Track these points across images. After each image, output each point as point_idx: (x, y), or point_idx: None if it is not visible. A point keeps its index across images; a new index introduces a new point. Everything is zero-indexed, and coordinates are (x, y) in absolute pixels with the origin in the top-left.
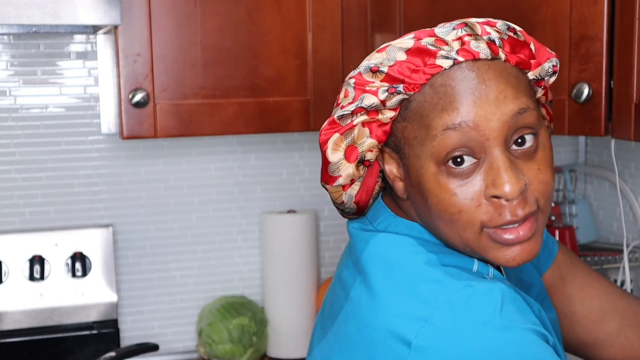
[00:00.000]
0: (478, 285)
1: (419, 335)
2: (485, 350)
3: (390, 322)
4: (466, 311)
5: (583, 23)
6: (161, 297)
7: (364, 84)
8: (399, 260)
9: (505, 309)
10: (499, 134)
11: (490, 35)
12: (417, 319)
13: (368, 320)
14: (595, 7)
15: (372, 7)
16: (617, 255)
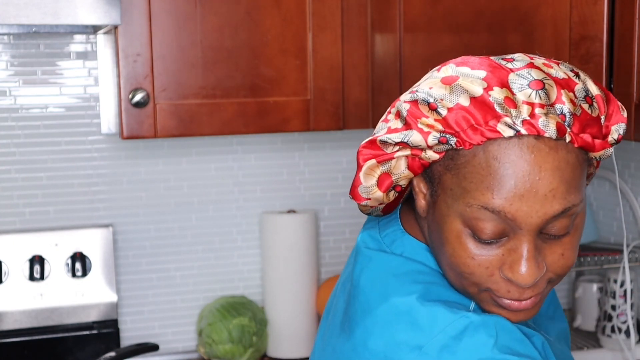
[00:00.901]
0: (474, 317)
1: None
2: None
3: (386, 348)
4: (460, 342)
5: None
6: (161, 297)
7: (417, 116)
8: (398, 288)
9: (499, 341)
10: (534, 228)
11: (563, 108)
12: (412, 347)
13: (364, 343)
14: (595, 7)
15: (372, 7)
16: (617, 255)
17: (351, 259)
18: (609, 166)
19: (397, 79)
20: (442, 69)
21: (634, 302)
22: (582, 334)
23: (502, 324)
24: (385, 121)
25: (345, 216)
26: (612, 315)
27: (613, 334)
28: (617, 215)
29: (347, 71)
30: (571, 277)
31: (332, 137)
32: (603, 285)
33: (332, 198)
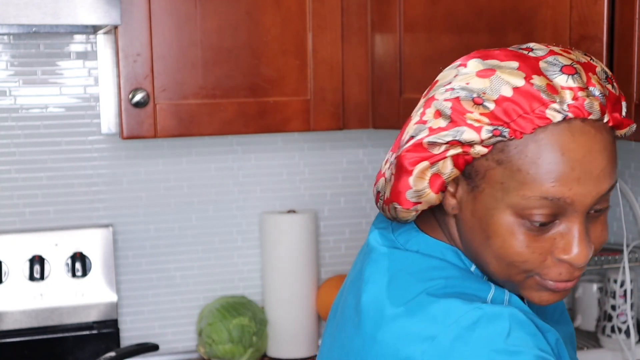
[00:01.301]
0: (487, 308)
1: (425, 354)
2: None
3: (397, 340)
4: (473, 333)
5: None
6: (161, 297)
7: (463, 112)
8: (413, 284)
9: (512, 333)
10: (586, 209)
11: (595, 90)
12: (424, 338)
13: (374, 336)
14: (595, 7)
15: (372, 7)
16: (617, 255)
17: (360, 257)
18: None
19: (397, 79)
20: (468, 63)
21: (634, 302)
22: (582, 334)
23: (516, 316)
24: (422, 122)
25: (345, 216)
26: (612, 315)
27: (613, 334)
28: (617, 215)
29: (347, 71)
30: None
31: (332, 137)
32: (603, 285)
33: (332, 198)
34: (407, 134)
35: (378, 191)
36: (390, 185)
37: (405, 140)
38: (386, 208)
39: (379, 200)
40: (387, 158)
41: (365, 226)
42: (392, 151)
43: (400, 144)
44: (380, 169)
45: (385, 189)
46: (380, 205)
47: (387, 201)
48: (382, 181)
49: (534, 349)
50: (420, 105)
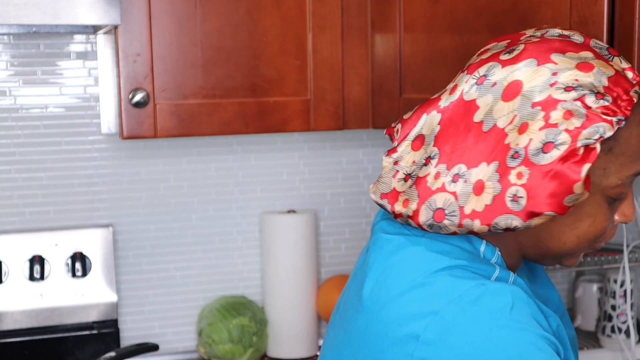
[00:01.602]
0: (490, 284)
1: (428, 328)
2: (491, 348)
3: (399, 317)
4: (476, 308)
5: (583, 23)
6: (161, 297)
7: (594, 108)
8: (418, 264)
9: (515, 310)
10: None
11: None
12: (426, 313)
13: (377, 315)
14: (595, 7)
15: (372, 7)
16: (617, 255)
17: (364, 250)
18: None
19: (397, 79)
20: (552, 57)
21: (634, 302)
22: (582, 334)
23: (519, 294)
24: (551, 126)
25: (345, 216)
26: (612, 315)
27: (613, 334)
28: None
29: (347, 71)
30: (571, 277)
31: (332, 137)
32: (603, 285)
33: (332, 198)
34: (536, 141)
35: (440, 208)
36: (523, 196)
37: (537, 148)
38: (474, 223)
39: (442, 219)
40: (428, 173)
41: (365, 226)
42: (444, 162)
43: (529, 153)
44: (415, 189)
45: (466, 203)
46: (455, 222)
47: (504, 211)
48: (447, 198)
49: (537, 327)
50: (520, 110)
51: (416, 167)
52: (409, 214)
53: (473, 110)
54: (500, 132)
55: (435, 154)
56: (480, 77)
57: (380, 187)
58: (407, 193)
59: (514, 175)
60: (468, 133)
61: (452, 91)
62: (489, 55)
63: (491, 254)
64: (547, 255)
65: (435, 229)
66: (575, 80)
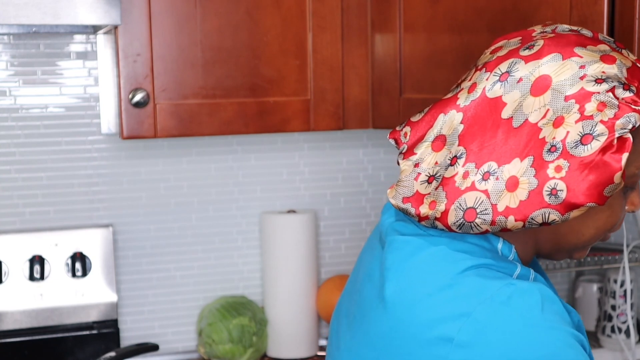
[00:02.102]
0: (519, 284)
1: (462, 330)
2: (525, 348)
3: (429, 318)
4: (508, 308)
5: (583, 23)
6: (161, 297)
7: (623, 99)
8: (442, 265)
9: (545, 308)
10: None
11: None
12: (458, 315)
13: (404, 316)
14: (595, 7)
15: (372, 7)
16: (617, 255)
17: (369, 251)
18: None
19: (397, 79)
20: (576, 50)
21: (634, 302)
22: None
23: (546, 292)
24: (587, 118)
25: (345, 216)
26: (612, 315)
27: (613, 334)
28: None
29: (347, 71)
30: (571, 277)
31: (332, 137)
32: (603, 285)
33: (332, 198)
34: (573, 134)
35: (471, 207)
36: (562, 189)
37: (575, 140)
38: (509, 219)
39: (473, 218)
40: (464, 171)
41: (365, 226)
42: (473, 160)
43: (567, 146)
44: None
45: (499, 200)
46: (488, 220)
47: (543, 205)
48: (478, 196)
49: (567, 324)
50: (552, 105)
51: (440, 168)
52: (437, 216)
53: (500, 107)
54: (533, 127)
55: (461, 153)
56: (503, 73)
57: (402, 190)
58: (434, 195)
59: (552, 168)
60: (497, 130)
61: (472, 90)
62: (505, 52)
63: (508, 251)
64: (562, 250)
65: (466, 229)
66: (602, 73)
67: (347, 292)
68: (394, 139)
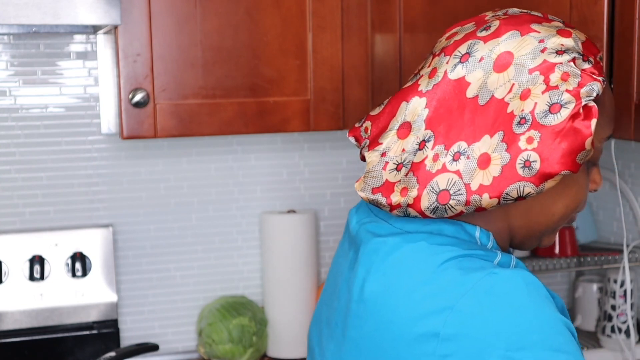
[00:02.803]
0: (501, 272)
1: (447, 324)
2: (513, 334)
3: (413, 315)
4: (492, 296)
5: (583, 23)
6: (161, 297)
7: (584, 70)
8: (420, 261)
9: (531, 294)
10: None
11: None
12: (441, 309)
13: (387, 317)
14: (595, 7)
15: (372, 7)
16: (617, 255)
17: (342, 256)
18: (609, 166)
19: (397, 79)
20: (535, 28)
21: (634, 302)
22: (582, 334)
23: (530, 278)
24: (553, 88)
25: (345, 216)
26: (612, 315)
27: (613, 334)
28: (617, 215)
29: (347, 71)
30: (571, 277)
31: (332, 137)
32: (603, 285)
33: (332, 198)
34: (541, 104)
35: (444, 189)
36: (536, 160)
37: (544, 110)
38: (482, 198)
39: (447, 200)
40: (434, 154)
41: None
42: (441, 142)
43: (536, 117)
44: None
45: (472, 179)
46: (462, 200)
47: (520, 179)
48: (450, 177)
49: (554, 309)
50: (520, 77)
51: (408, 155)
52: (409, 202)
53: (464, 87)
54: (500, 102)
55: (429, 136)
56: (464, 55)
57: (370, 181)
58: (404, 181)
59: (524, 140)
60: (463, 110)
61: (432, 75)
62: (462, 36)
63: (487, 239)
64: (534, 234)
65: (440, 212)
66: (561, 45)
67: (324, 301)
68: (353, 137)
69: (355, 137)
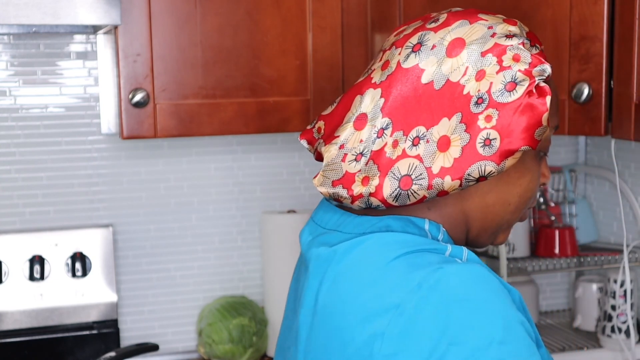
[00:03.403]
0: (448, 266)
1: (391, 323)
2: (461, 332)
3: (360, 318)
4: (437, 292)
5: (583, 23)
6: (161, 297)
7: (534, 53)
8: (367, 262)
9: (478, 288)
10: None
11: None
12: (387, 308)
13: (336, 323)
14: (595, 7)
15: (372, 7)
16: (617, 255)
17: (296, 279)
18: (609, 166)
19: None
20: (480, 15)
21: (634, 302)
22: (582, 334)
23: (478, 271)
24: (506, 68)
25: None
26: (612, 315)
27: (613, 334)
28: (617, 215)
29: (347, 71)
30: (571, 277)
31: None
32: (603, 285)
33: None
34: (497, 83)
35: (406, 175)
36: (495, 137)
37: (500, 89)
38: (444, 181)
39: (409, 185)
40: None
41: None
42: (400, 128)
43: (493, 95)
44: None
45: (432, 163)
46: (425, 185)
47: (485, 157)
48: (411, 162)
49: (503, 304)
50: (471, 59)
51: (366, 144)
52: (371, 191)
53: (418, 73)
54: (455, 85)
55: (387, 124)
56: (415, 44)
57: (330, 174)
58: (365, 171)
59: (482, 119)
60: (419, 96)
61: (385, 67)
62: (411, 30)
63: (437, 231)
64: (489, 226)
65: (403, 199)
66: (509, 31)
67: (286, 327)
68: (306, 140)
69: (308, 140)
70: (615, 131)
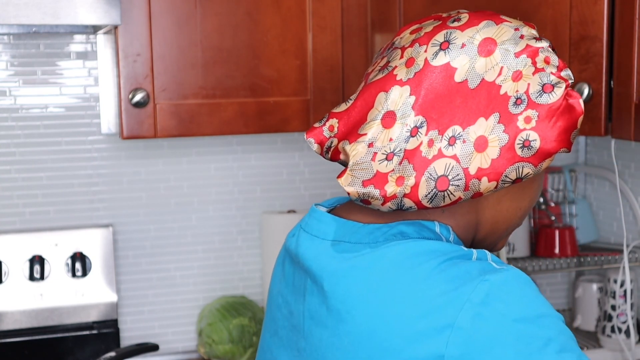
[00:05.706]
0: (492, 277)
1: (450, 344)
2: (519, 344)
3: (407, 339)
4: (489, 308)
5: (583, 23)
6: (161, 297)
7: (559, 58)
8: (401, 276)
9: (527, 296)
10: None
11: None
12: (437, 329)
13: (382, 346)
14: (595, 7)
15: (372, 7)
16: (617, 255)
17: (289, 269)
18: (609, 166)
19: None
20: (503, 17)
21: (634, 302)
22: (582, 334)
23: (521, 276)
24: (540, 70)
25: None
26: (612, 315)
27: (613, 334)
28: (617, 215)
29: (347, 71)
30: (571, 277)
31: None
32: (603, 285)
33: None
34: (534, 84)
35: (442, 175)
36: (535, 139)
37: (538, 90)
38: (484, 180)
39: (446, 186)
40: (422, 140)
41: None
42: (435, 127)
43: (532, 97)
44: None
45: (469, 163)
46: (461, 186)
47: (520, 160)
48: (447, 162)
49: (549, 308)
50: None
51: (398, 143)
52: (406, 192)
53: (450, 72)
54: (491, 85)
55: (421, 122)
56: (442, 42)
57: (359, 174)
58: (399, 170)
59: (522, 120)
60: (453, 94)
61: (410, 64)
62: (432, 28)
63: (447, 232)
64: (497, 230)
65: (437, 200)
66: (533, 33)
67: (275, 310)
68: (313, 138)
69: (315, 138)
70: (615, 131)
